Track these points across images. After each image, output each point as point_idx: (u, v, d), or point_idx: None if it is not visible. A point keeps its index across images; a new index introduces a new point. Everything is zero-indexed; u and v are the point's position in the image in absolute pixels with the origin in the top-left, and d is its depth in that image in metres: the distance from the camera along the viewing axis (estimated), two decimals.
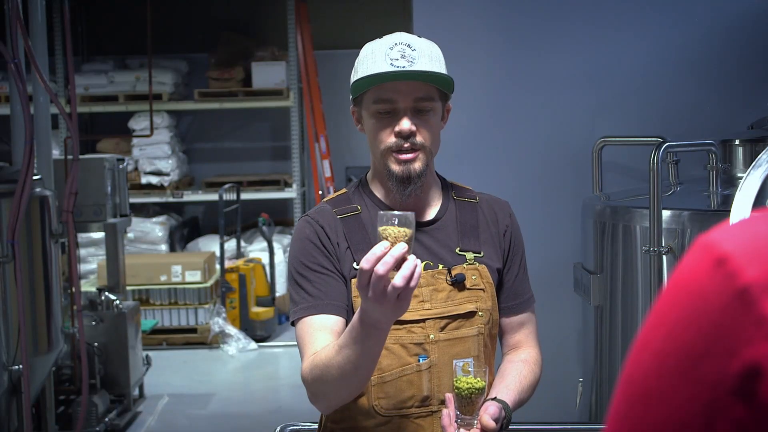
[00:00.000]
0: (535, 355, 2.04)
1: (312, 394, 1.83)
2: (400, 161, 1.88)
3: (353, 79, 1.93)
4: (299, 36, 8.48)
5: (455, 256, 1.96)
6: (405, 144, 1.87)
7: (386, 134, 1.89)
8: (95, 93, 8.48)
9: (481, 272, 1.95)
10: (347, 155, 9.31)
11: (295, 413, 5.27)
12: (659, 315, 0.62)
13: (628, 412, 0.62)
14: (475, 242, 1.98)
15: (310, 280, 1.89)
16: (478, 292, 1.94)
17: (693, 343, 0.58)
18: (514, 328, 2.05)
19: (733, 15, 3.73)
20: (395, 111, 1.88)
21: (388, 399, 1.89)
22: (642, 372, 0.62)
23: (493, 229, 2.02)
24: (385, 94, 1.88)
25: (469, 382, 1.76)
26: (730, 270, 0.57)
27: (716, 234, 0.61)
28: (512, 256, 2.04)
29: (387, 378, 1.89)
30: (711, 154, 3.03)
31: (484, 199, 2.07)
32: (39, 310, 4.11)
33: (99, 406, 5.02)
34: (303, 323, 1.87)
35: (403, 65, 1.85)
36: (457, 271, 1.93)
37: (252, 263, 7.65)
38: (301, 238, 1.95)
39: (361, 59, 1.93)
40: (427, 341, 1.89)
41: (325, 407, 1.88)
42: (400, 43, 1.88)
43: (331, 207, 1.98)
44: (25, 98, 3.84)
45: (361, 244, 1.90)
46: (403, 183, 1.89)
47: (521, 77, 3.78)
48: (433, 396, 1.90)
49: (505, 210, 2.07)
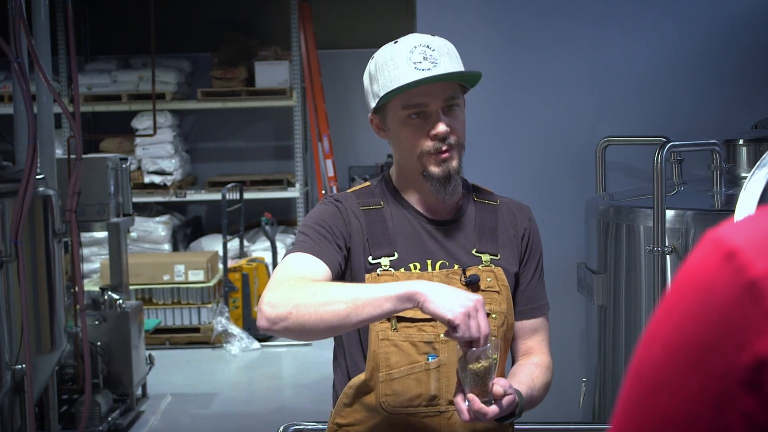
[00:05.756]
0: (547, 361, 2.02)
1: (277, 299, 1.68)
2: (439, 162, 1.88)
3: (376, 89, 1.91)
4: (302, 35, 8.48)
5: (471, 257, 1.95)
6: (443, 146, 1.88)
7: (421, 138, 1.88)
8: (98, 92, 8.48)
9: (497, 274, 1.94)
10: (350, 155, 9.31)
11: (298, 413, 5.27)
12: (668, 308, 0.62)
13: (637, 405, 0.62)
14: (493, 244, 1.98)
15: (316, 233, 1.87)
16: (492, 294, 1.92)
17: (702, 335, 0.58)
18: (526, 333, 2.03)
19: (736, 14, 3.72)
20: (426, 113, 1.88)
21: (395, 396, 1.88)
22: (651, 365, 0.62)
23: (512, 231, 2.02)
24: (415, 98, 1.87)
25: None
26: (739, 264, 0.58)
27: (725, 228, 0.61)
28: (529, 260, 2.03)
29: (395, 375, 1.88)
30: (715, 153, 3.02)
31: (505, 203, 2.07)
32: (42, 309, 4.11)
33: (102, 406, 5.02)
34: (294, 255, 1.82)
35: (428, 67, 1.85)
36: (472, 272, 1.92)
37: (255, 263, 7.65)
38: (319, 209, 1.94)
39: (380, 66, 1.90)
40: (437, 340, 1.88)
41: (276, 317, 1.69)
42: (419, 45, 1.87)
43: (355, 197, 1.98)
44: (29, 97, 3.84)
45: (379, 238, 1.91)
46: (444, 183, 1.90)
47: (524, 77, 3.78)
48: (441, 396, 1.88)
49: (525, 214, 2.07)
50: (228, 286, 7.37)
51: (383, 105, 1.92)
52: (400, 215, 1.97)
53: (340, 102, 9.25)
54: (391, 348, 1.88)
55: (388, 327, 1.87)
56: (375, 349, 1.88)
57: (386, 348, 1.88)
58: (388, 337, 1.87)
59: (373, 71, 1.93)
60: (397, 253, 1.92)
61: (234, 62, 8.57)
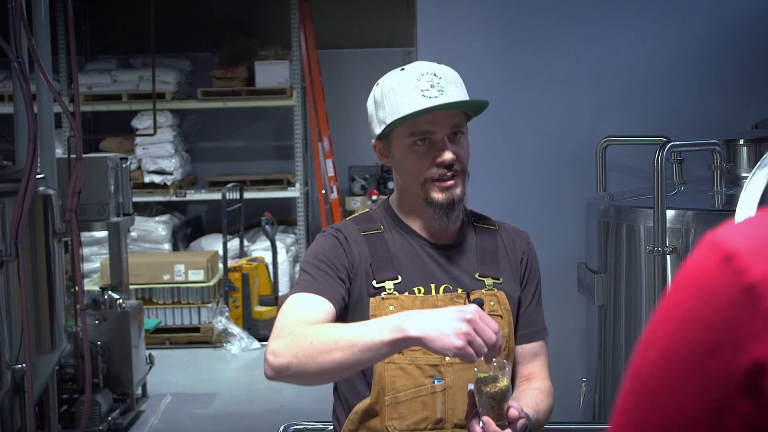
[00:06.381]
0: (549, 386, 2.02)
1: (285, 348, 1.68)
2: (443, 189, 1.89)
3: (381, 115, 1.91)
4: (302, 35, 8.48)
5: (474, 281, 1.96)
6: (448, 173, 1.88)
7: (426, 165, 1.89)
8: (98, 92, 8.48)
9: (500, 298, 1.95)
10: (350, 154, 9.31)
11: (298, 413, 5.27)
12: (667, 311, 0.62)
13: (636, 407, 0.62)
14: (495, 268, 1.99)
15: (317, 269, 1.88)
16: (495, 318, 1.89)
17: (701, 338, 0.58)
18: (526, 358, 2.03)
19: (736, 14, 3.72)
20: (432, 141, 1.88)
21: (401, 420, 1.88)
22: (650, 366, 0.62)
23: (511, 256, 2.03)
24: (422, 126, 1.87)
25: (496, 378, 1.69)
26: (737, 267, 0.58)
27: (724, 231, 0.61)
28: (527, 284, 2.04)
29: (401, 398, 1.88)
30: (715, 153, 3.02)
31: (503, 228, 2.08)
32: (42, 309, 4.11)
33: (102, 405, 5.02)
34: (296, 297, 1.83)
35: (435, 95, 1.85)
36: (476, 296, 1.92)
37: (255, 262, 7.65)
38: (320, 243, 1.95)
39: (387, 93, 1.90)
40: (443, 363, 1.88)
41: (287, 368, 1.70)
42: (426, 72, 1.88)
43: (354, 224, 1.99)
44: (29, 97, 3.84)
45: (383, 262, 1.91)
46: (447, 210, 1.90)
47: (524, 77, 3.77)
48: (446, 419, 1.88)
49: (523, 239, 2.08)
50: (228, 285, 7.37)
51: (388, 132, 1.92)
52: (402, 240, 1.97)
53: (340, 102, 9.25)
54: (396, 371, 1.88)
55: None
56: (381, 372, 1.88)
57: (392, 371, 1.88)
58: (394, 360, 1.87)
59: (378, 98, 1.92)
60: (401, 276, 1.92)
61: (234, 62, 8.57)
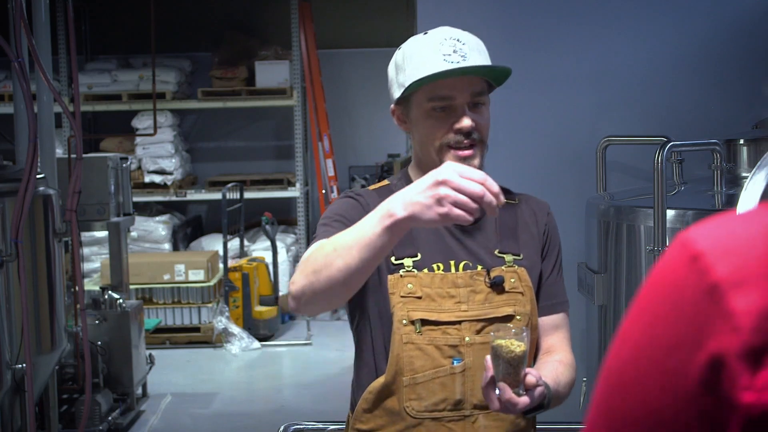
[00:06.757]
0: (571, 359, 1.97)
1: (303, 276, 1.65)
2: (459, 158, 1.83)
3: (401, 78, 1.86)
4: (302, 35, 8.48)
5: (494, 257, 1.91)
6: (465, 140, 1.84)
7: (443, 130, 1.84)
8: (99, 92, 8.49)
9: (520, 275, 1.91)
10: (350, 154, 9.32)
11: (298, 413, 5.27)
12: (638, 308, 0.64)
13: (607, 403, 0.64)
14: (514, 244, 1.94)
15: (338, 222, 1.81)
16: (516, 296, 1.89)
17: (667, 335, 0.60)
18: (547, 330, 1.98)
19: (736, 14, 3.72)
20: (451, 107, 1.84)
21: (419, 401, 1.85)
22: (621, 363, 0.63)
23: (533, 229, 1.98)
24: (441, 91, 1.83)
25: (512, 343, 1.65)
26: (702, 266, 0.60)
27: (694, 230, 0.64)
28: (548, 255, 2.00)
29: (419, 379, 1.84)
30: (715, 153, 3.02)
31: (524, 200, 2.03)
32: (42, 308, 4.11)
33: (102, 405, 5.02)
34: (316, 244, 1.73)
35: (457, 60, 1.81)
36: (496, 273, 1.88)
37: (255, 262, 7.65)
38: (339, 203, 1.91)
39: (408, 56, 1.86)
40: (462, 344, 1.85)
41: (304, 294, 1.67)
42: (449, 38, 1.84)
43: (377, 195, 1.92)
44: (29, 97, 3.84)
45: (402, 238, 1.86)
46: None
47: (524, 77, 3.77)
48: (466, 400, 1.85)
49: (544, 209, 2.03)
50: (228, 285, 7.37)
51: (407, 96, 1.88)
52: None
53: (340, 102, 9.26)
54: (415, 352, 1.84)
55: (412, 330, 1.84)
56: (399, 353, 1.84)
57: (410, 352, 1.84)
58: (412, 340, 1.84)
59: (399, 61, 1.89)
60: (420, 253, 1.88)
61: (234, 62, 8.57)
